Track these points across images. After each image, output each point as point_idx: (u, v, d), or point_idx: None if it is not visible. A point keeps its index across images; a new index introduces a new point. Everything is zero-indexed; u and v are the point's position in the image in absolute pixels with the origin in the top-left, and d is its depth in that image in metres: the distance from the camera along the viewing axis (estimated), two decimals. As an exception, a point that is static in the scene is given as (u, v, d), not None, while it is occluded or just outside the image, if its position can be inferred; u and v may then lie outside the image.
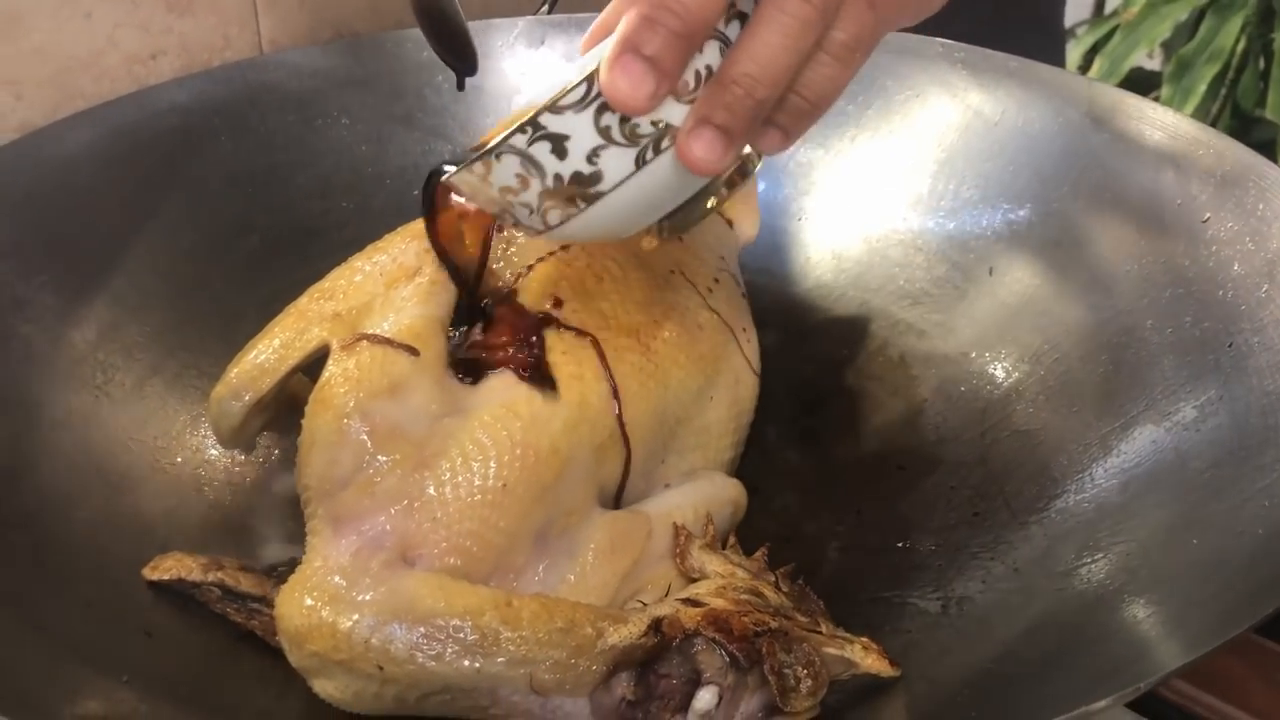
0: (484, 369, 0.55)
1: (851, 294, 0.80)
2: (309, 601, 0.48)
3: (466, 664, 0.47)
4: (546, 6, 0.92)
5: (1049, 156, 0.75)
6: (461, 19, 0.71)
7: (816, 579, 0.58)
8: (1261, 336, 0.59)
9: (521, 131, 0.47)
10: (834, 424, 0.73)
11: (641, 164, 0.48)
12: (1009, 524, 0.61)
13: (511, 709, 0.48)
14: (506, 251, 0.62)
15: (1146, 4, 1.60)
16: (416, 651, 0.47)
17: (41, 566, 0.56)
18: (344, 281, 0.59)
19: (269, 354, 0.57)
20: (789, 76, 0.47)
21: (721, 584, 0.53)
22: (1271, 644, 0.59)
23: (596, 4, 0.56)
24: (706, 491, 0.60)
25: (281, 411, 0.60)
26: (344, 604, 0.48)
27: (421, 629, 0.47)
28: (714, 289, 0.66)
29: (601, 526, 0.55)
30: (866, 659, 0.50)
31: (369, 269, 0.58)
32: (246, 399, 0.58)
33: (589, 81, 0.46)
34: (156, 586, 0.57)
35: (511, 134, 0.47)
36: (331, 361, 0.54)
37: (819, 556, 0.63)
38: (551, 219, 0.49)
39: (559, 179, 0.48)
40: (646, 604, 0.52)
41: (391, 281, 0.57)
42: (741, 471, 0.65)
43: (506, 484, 0.51)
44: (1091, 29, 1.71)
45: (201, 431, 0.66)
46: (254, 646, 0.55)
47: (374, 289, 0.57)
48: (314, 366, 0.56)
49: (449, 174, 0.51)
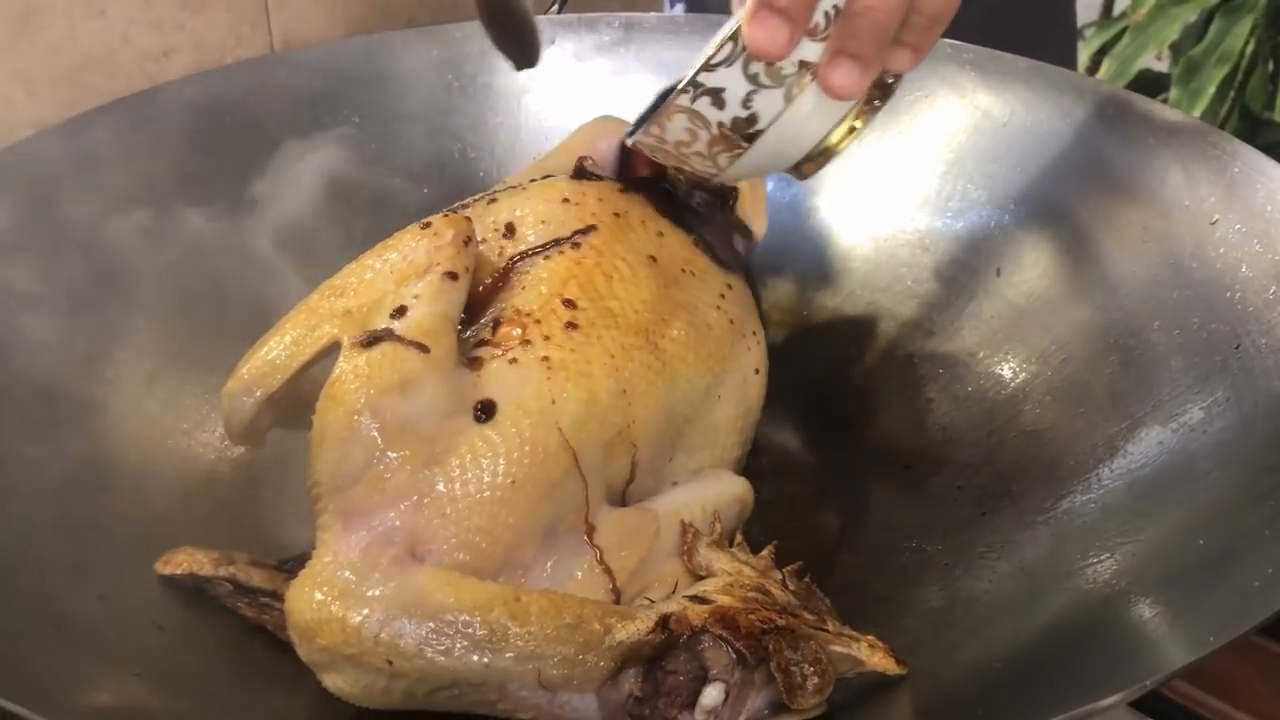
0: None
1: (859, 294, 0.80)
2: (319, 596, 0.48)
3: (475, 659, 0.47)
4: (556, 6, 0.92)
5: (1057, 158, 0.75)
6: (528, 10, 0.71)
7: (823, 577, 0.58)
8: (1269, 338, 0.59)
9: (684, 92, 0.54)
10: (841, 423, 0.73)
11: (789, 100, 0.55)
12: (1016, 524, 0.61)
13: (519, 704, 0.48)
14: (517, 253, 0.62)
15: (1155, 6, 1.60)
16: (425, 646, 0.47)
17: (54, 560, 0.56)
18: (355, 279, 0.59)
19: (280, 350, 0.58)
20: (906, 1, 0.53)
21: (728, 581, 0.53)
22: (1277, 647, 0.59)
23: (605, 4, 0.56)
24: (714, 489, 0.61)
25: (292, 407, 0.60)
26: (354, 599, 0.48)
27: (430, 624, 0.47)
28: (722, 289, 0.66)
29: (609, 523, 0.55)
30: (873, 657, 0.51)
31: (380, 266, 0.58)
32: (258, 395, 0.58)
33: (734, 39, 0.52)
34: (168, 581, 0.57)
35: (676, 95, 0.54)
36: (342, 358, 0.54)
37: (826, 554, 0.64)
38: (721, 162, 0.57)
39: (722, 126, 0.55)
40: (654, 601, 0.53)
41: (402, 279, 0.57)
42: (749, 470, 0.65)
43: (515, 480, 0.52)
44: (1100, 31, 1.71)
45: (213, 427, 0.67)
46: (265, 641, 0.55)
47: (385, 286, 0.57)
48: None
49: (631, 138, 0.59)
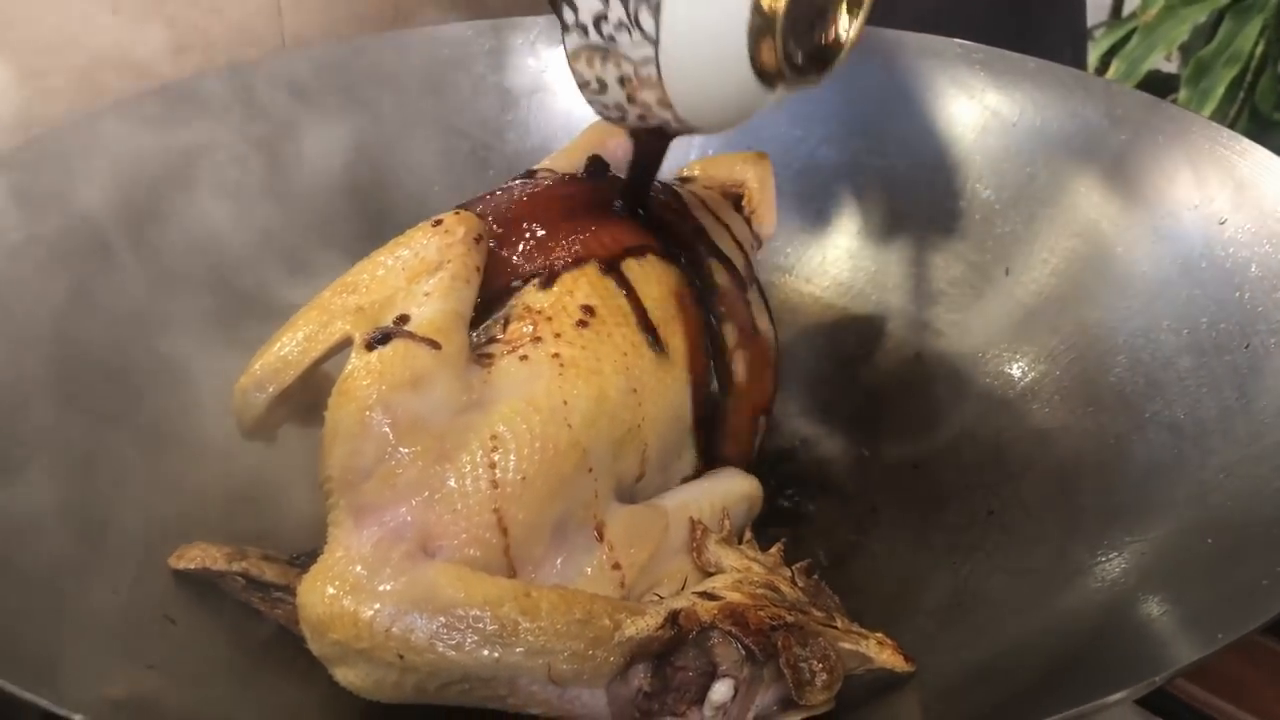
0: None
1: (868, 293, 0.80)
2: (331, 591, 0.49)
3: (485, 654, 0.47)
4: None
5: (1066, 157, 0.75)
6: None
7: (832, 574, 0.58)
8: (1279, 338, 0.59)
9: (566, 33, 0.50)
10: (850, 422, 0.73)
11: None
12: (1024, 522, 0.62)
13: (530, 699, 0.48)
14: (527, 250, 0.62)
15: (1165, 6, 1.60)
16: (436, 641, 0.47)
17: (67, 555, 0.57)
18: (367, 276, 0.59)
19: (292, 347, 0.58)
20: None
21: (738, 578, 0.53)
22: (1284, 647, 0.59)
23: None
24: (723, 487, 0.61)
25: (305, 403, 0.60)
26: (365, 593, 0.48)
27: (441, 618, 0.47)
28: (732, 287, 0.66)
29: (619, 520, 0.55)
30: (881, 654, 0.51)
31: (391, 263, 0.59)
32: (270, 391, 0.58)
33: None
34: (181, 575, 0.58)
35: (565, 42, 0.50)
36: (354, 354, 0.54)
37: (835, 552, 0.64)
38: (647, 74, 0.50)
39: (621, 24, 0.49)
40: (663, 597, 0.53)
41: (414, 276, 0.57)
42: (757, 467, 0.65)
43: (526, 477, 0.52)
44: (1109, 31, 1.70)
45: (225, 422, 0.67)
46: (277, 635, 0.56)
47: (396, 283, 0.57)
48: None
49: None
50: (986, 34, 0.81)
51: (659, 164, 0.63)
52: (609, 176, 0.69)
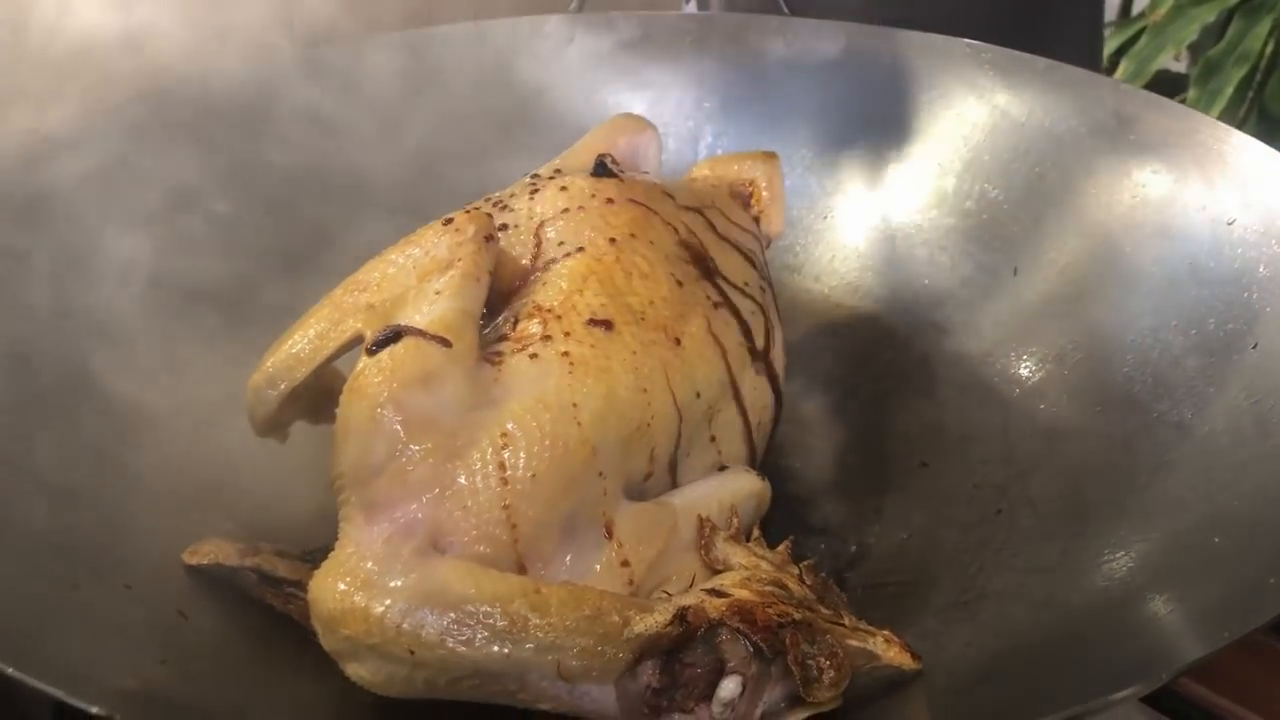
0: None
1: (876, 292, 0.81)
2: (342, 587, 0.49)
3: (496, 649, 0.47)
4: (575, 4, 0.93)
5: (1075, 157, 0.76)
6: None
7: (839, 572, 0.59)
8: (1286, 338, 0.59)
9: None
10: (858, 421, 0.74)
11: None
12: (1031, 521, 0.62)
13: (539, 694, 0.49)
14: (536, 247, 0.62)
15: (1174, 6, 1.60)
16: (447, 636, 0.47)
17: (81, 550, 0.57)
18: (378, 274, 0.59)
19: (304, 344, 0.58)
20: None
21: (745, 575, 0.53)
22: (1291, 646, 0.59)
23: (625, 2, 0.56)
24: (731, 485, 0.61)
25: (316, 400, 0.61)
26: (376, 589, 0.48)
27: (452, 614, 0.48)
28: (741, 286, 0.66)
29: (628, 517, 0.56)
30: (888, 651, 0.51)
31: (402, 262, 0.59)
32: (282, 388, 0.58)
33: None
34: (195, 571, 0.58)
35: None
36: (365, 352, 0.55)
37: (842, 550, 0.64)
38: None
39: None
40: (672, 594, 0.53)
41: (425, 274, 0.58)
42: (765, 466, 0.65)
43: (536, 474, 0.52)
44: (1118, 31, 1.70)
45: (239, 419, 0.67)
46: (289, 631, 0.56)
47: (407, 281, 0.58)
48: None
49: None
50: (1004, 34, 0.81)
51: None
52: (620, 174, 0.69)
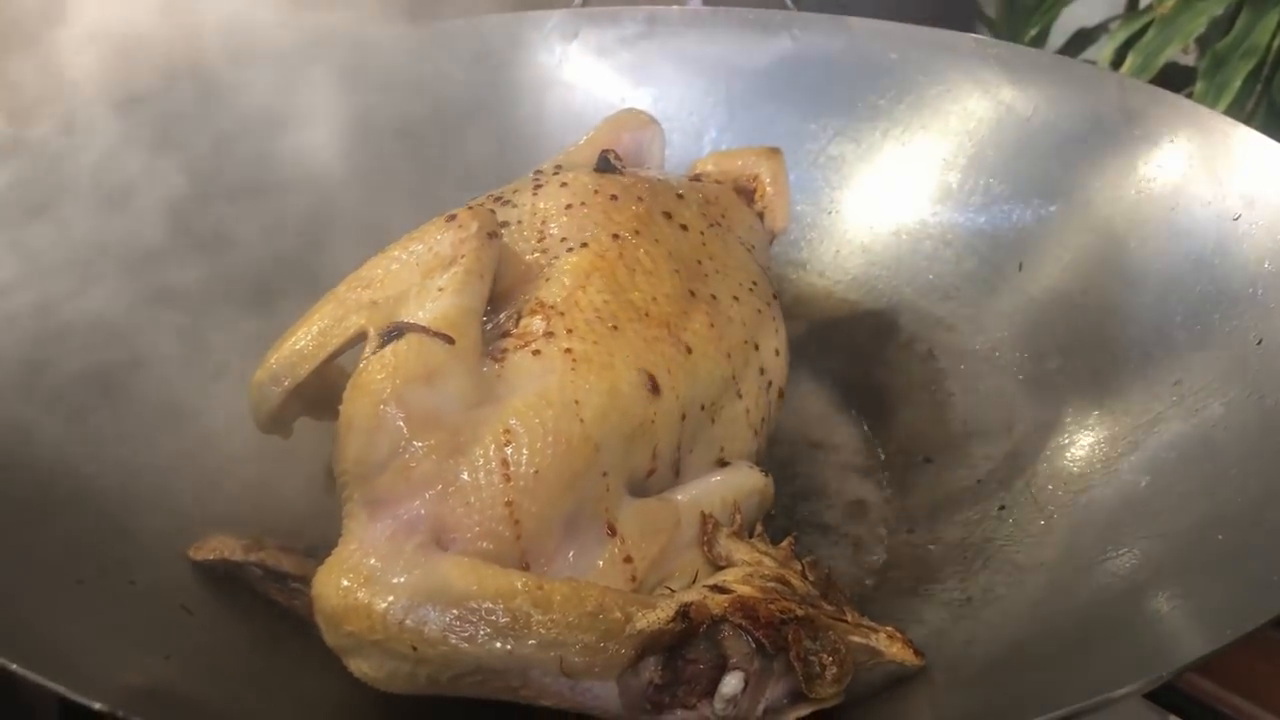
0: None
1: (881, 288, 0.80)
2: (345, 583, 0.49)
3: (498, 646, 0.48)
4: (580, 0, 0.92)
5: (1080, 152, 0.75)
6: None
7: (842, 569, 0.59)
8: (1291, 334, 0.59)
9: None
10: (862, 417, 0.74)
11: None
12: (1034, 517, 0.62)
13: (542, 690, 0.49)
14: (539, 243, 0.62)
15: (1182, -1, 1.59)
16: (449, 633, 0.48)
17: (86, 546, 0.57)
18: (381, 270, 0.59)
19: (307, 341, 0.58)
20: None
21: (748, 572, 0.53)
22: (1295, 643, 0.59)
23: (629, -1, 0.56)
24: (734, 481, 0.61)
25: (320, 397, 0.61)
26: (379, 586, 0.48)
27: (455, 611, 0.48)
28: (744, 282, 0.66)
29: (631, 514, 0.56)
30: (891, 648, 0.51)
31: (405, 258, 0.59)
32: (285, 384, 0.58)
33: None
34: (199, 567, 0.58)
35: None
36: (368, 348, 0.55)
37: (845, 546, 0.64)
38: None
39: None
40: (674, 590, 0.53)
41: (428, 271, 0.58)
42: (769, 462, 0.65)
43: (538, 471, 0.52)
44: (1125, 24, 1.69)
45: (243, 415, 0.67)
46: (293, 627, 0.56)
47: (410, 278, 0.58)
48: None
49: None
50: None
51: None
52: (624, 170, 0.69)
